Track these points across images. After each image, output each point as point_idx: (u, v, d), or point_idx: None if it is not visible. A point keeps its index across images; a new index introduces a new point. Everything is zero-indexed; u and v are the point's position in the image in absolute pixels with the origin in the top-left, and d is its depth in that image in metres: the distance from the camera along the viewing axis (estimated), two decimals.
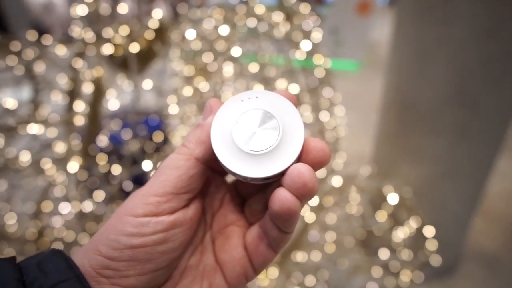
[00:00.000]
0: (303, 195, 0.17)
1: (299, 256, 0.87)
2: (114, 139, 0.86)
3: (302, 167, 0.17)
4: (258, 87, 0.83)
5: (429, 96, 0.90)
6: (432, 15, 0.85)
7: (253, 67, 0.78)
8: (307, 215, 0.86)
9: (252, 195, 0.24)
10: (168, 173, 0.19)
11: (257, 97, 0.20)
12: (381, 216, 0.89)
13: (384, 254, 0.83)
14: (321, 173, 0.90)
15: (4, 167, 0.89)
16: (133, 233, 0.18)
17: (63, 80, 0.82)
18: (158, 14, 0.67)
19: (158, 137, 1.09)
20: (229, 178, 0.25)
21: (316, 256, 0.91)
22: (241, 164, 0.18)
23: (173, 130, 1.29)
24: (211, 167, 0.24)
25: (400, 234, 0.78)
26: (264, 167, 0.18)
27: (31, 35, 0.76)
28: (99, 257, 0.18)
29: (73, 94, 0.80)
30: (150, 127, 1.27)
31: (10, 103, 0.65)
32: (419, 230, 0.82)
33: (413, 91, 0.92)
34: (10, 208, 1.00)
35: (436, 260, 0.81)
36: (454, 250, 1.20)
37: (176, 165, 0.19)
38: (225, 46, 1.02)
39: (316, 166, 0.18)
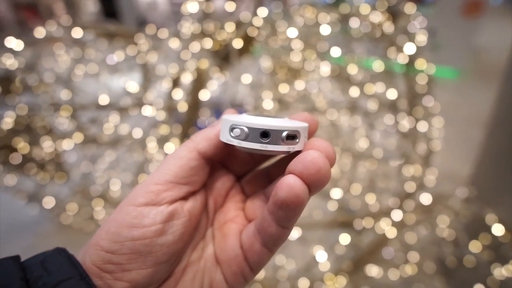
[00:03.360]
0: (314, 183, 0.16)
1: (374, 271, 0.82)
2: (202, 127, 0.93)
3: (316, 153, 0.16)
4: (353, 90, 0.80)
5: None
6: None
7: (351, 69, 0.75)
8: (387, 229, 0.80)
9: (255, 191, 0.23)
10: (170, 162, 0.20)
11: None
12: (476, 247, 0.78)
13: None
14: (409, 187, 0.83)
15: (114, 140, 1.05)
16: (133, 224, 0.18)
17: (170, 70, 0.92)
18: (263, 12, 0.69)
19: None
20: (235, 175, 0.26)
21: (391, 274, 0.85)
22: (244, 119, 0.19)
23: None
24: (220, 162, 0.24)
25: (504, 272, 0.67)
26: (268, 122, 0.18)
27: (150, 29, 0.87)
28: (101, 252, 0.18)
29: (176, 83, 0.89)
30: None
31: (133, 87, 0.75)
32: None
33: None
34: (115, 176, 1.17)
35: None
36: None
37: (179, 156, 0.20)
38: (316, 45, 1.01)
39: None
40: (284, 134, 0.18)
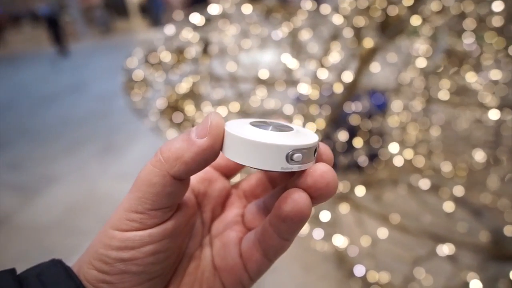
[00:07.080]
0: (321, 196, 0.16)
1: None
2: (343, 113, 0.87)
3: (325, 167, 0.16)
4: None
5: None
6: None
7: None
8: None
9: (254, 198, 0.23)
10: (144, 190, 0.17)
11: None
12: None
13: None
14: None
15: (263, 113, 1.12)
16: (121, 247, 0.17)
17: (321, 48, 0.89)
18: None
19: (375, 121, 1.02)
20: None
21: None
22: (256, 134, 0.16)
23: (392, 113, 1.20)
24: (216, 168, 0.23)
25: None
26: (283, 139, 0.16)
27: (310, 5, 0.85)
28: (93, 271, 0.17)
29: (326, 62, 0.86)
30: (373, 104, 1.24)
31: (291, 63, 0.77)
32: None
33: None
34: None
35: None
36: None
37: (151, 182, 0.17)
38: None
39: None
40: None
